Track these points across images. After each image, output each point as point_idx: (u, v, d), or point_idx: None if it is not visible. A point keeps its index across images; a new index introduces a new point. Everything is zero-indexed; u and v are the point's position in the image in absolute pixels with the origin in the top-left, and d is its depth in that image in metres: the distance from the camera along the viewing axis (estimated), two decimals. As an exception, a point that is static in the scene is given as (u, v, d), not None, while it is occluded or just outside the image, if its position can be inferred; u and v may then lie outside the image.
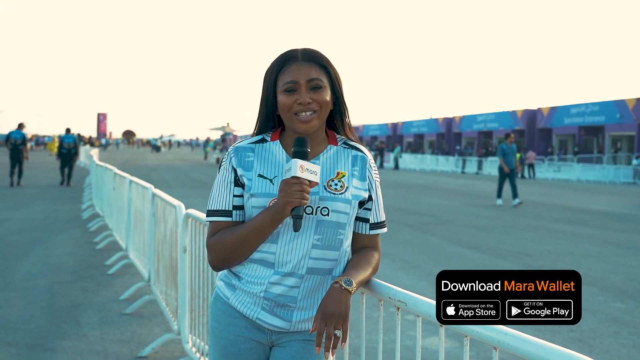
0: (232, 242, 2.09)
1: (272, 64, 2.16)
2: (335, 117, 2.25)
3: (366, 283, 2.21)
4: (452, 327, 1.88)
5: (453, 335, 5.50)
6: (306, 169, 2.01)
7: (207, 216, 2.18)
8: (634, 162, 35.93)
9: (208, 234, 2.18)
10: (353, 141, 2.25)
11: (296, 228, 2.03)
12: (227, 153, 2.20)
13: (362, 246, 2.25)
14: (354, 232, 2.24)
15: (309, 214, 2.09)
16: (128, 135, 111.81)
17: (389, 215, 14.36)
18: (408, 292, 2.09)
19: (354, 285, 2.04)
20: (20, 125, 21.25)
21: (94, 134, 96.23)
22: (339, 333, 1.98)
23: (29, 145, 22.33)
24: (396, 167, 45.38)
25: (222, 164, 2.19)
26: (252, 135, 2.25)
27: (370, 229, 2.23)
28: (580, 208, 17.72)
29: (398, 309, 2.14)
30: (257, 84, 2.21)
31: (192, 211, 4.57)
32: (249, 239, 2.07)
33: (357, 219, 2.23)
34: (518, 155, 37.36)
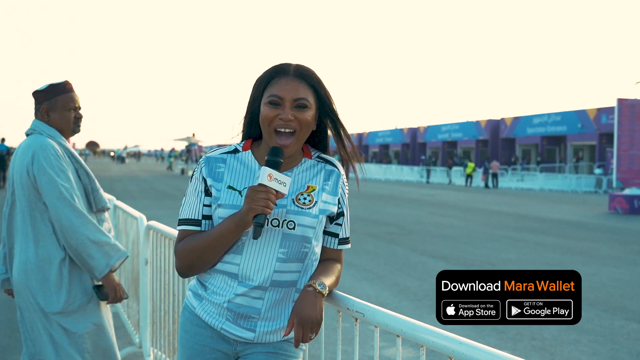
0: (196, 248, 2.09)
1: (263, 73, 2.13)
2: (321, 135, 2.24)
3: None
4: (408, 337, 1.88)
5: (412, 345, 5.53)
6: (275, 179, 1.99)
7: (177, 225, 2.18)
8: (596, 171, 36.56)
9: (176, 241, 2.18)
10: (327, 155, 2.25)
11: (255, 236, 2.01)
12: (198, 162, 2.19)
13: (327, 258, 2.24)
14: (322, 246, 2.24)
15: (275, 227, 2.08)
16: (92, 146, 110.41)
17: (353, 225, 14.38)
18: (366, 302, 2.09)
19: (327, 289, 2.07)
20: (3, 140, 26.04)
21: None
22: (313, 336, 2.02)
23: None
24: None
25: (194, 173, 2.18)
26: (236, 142, 2.24)
27: (339, 243, 2.24)
28: (542, 217, 17.95)
29: (356, 319, 2.14)
30: (222, 95, 2.19)
31: (153, 223, 4.50)
32: (212, 245, 2.07)
33: (327, 233, 2.22)
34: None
